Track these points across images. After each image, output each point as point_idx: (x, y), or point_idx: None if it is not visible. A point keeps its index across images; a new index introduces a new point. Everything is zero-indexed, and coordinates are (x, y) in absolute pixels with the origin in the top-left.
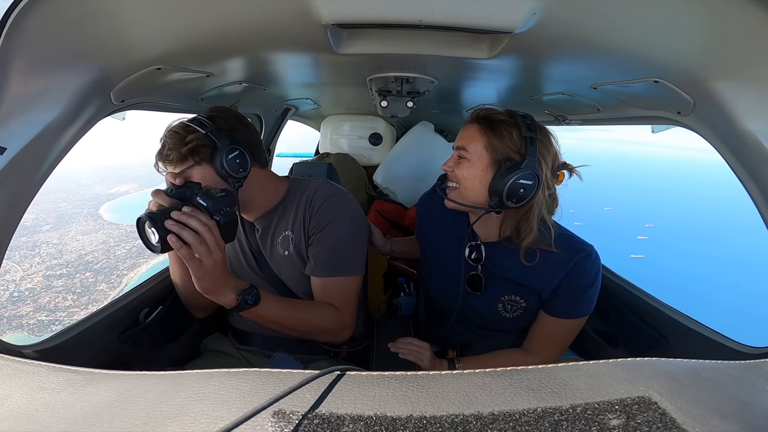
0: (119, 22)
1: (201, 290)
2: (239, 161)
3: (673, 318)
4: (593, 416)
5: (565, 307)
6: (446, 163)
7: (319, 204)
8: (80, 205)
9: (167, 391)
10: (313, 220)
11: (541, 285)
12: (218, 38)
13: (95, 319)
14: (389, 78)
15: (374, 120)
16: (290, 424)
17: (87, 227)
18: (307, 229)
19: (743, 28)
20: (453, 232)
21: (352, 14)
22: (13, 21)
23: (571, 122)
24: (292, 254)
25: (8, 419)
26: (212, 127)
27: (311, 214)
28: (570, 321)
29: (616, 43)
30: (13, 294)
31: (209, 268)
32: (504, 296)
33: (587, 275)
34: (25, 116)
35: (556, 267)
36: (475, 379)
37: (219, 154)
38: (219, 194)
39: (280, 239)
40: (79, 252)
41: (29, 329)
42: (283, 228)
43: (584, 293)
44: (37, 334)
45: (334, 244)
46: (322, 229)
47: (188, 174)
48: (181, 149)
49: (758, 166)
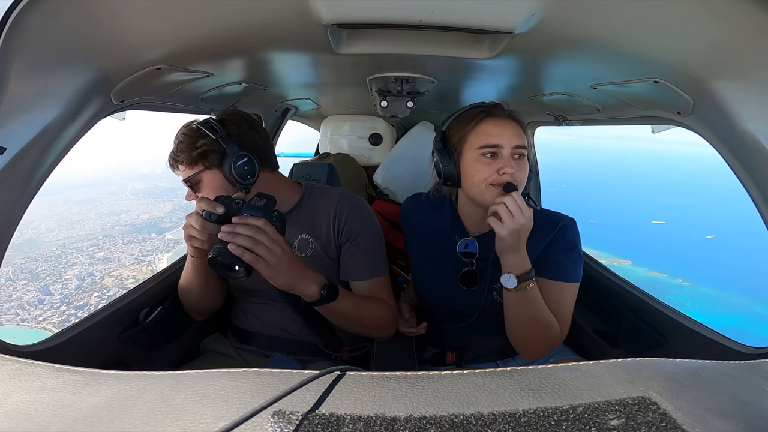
0: (119, 22)
1: (280, 288)
2: (247, 168)
3: (673, 318)
4: (593, 416)
5: (554, 266)
6: (506, 166)
7: (347, 214)
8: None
9: (167, 391)
10: (345, 229)
11: (530, 254)
12: (218, 38)
13: (95, 319)
14: (389, 78)
15: (374, 120)
16: (290, 424)
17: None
18: (339, 237)
19: (743, 29)
20: (441, 231)
21: (352, 14)
22: (13, 21)
23: (571, 122)
24: (312, 256)
25: (8, 419)
26: (222, 132)
27: (340, 223)
28: (562, 284)
29: (616, 43)
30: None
31: (275, 265)
32: (497, 283)
33: (573, 235)
34: (25, 116)
35: (542, 237)
36: (475, 379)
37: (228, 160)
38: (262, 201)
39: (296, 242)
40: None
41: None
42: (298, 231)
43: (570, 253)
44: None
45: (370, 248)
46: (356, 237)
47: (198, 178)
48: (191, 153)
49: (758, 166)
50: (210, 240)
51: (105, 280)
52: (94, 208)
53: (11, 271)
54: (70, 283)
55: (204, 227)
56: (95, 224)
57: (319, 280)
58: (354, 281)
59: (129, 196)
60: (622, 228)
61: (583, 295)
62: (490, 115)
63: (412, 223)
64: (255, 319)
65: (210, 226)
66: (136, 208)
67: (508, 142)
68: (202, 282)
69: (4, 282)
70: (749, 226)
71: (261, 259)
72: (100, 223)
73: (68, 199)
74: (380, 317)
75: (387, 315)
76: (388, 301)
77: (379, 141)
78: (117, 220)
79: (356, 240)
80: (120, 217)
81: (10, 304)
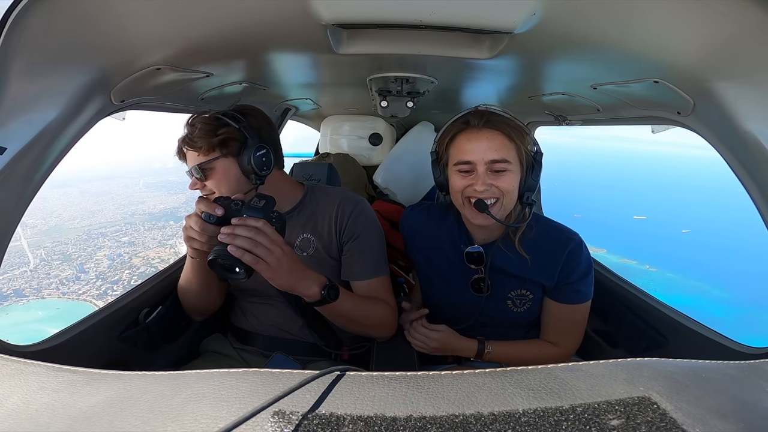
0: (119, 22)
1: (281, 288)
2: (265, 159)
3: (673, 318)
4: (593, 416)
5: (571, 293)
6: (476, 184)
7: (349, 214)
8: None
9: (167, 391)
10: (347, 229)
11: (543, 276)
12: (218, 38)
13: (95, 319)
14: (389, 78)
15: (374, 120)
16: (290, 424)
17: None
18: (340, 236)
19: (743, 28)
20: (448, 240)
21: (352, 14)
22: (13, 21)
23: (571, 122)
24: (314, 256)
25: (8, 419)
26: (245, 122)
27: (342, 223)
28: (578, 306)
29: (616, 43)
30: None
31: (275, 266)
32: (511, 292)
33: (583, 261)
34: (25, 116)
35: (552, 256)
36: (475, 379)
37: (248, 151)
38: (261, 202)
39: (298, 241)
40: None
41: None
42: (300, 231)
43: (585, 278)
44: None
45: (372, 248)
46: (358, 237)
47: (212, 165)
48: (211, 139)
49: (758, 166)
50: (209, 242)
51: (133, 260)
52: (110, 199)
53: (44, 253)
54: (102, 262)
55: (203, 229)
56: (115, 213)
57: (319, 280)
58: (355, 281)
59: (143, 189)
60: (604, 222)
61: None
62: (465, 129)
63: (415, 233)
64: (255, 320)
65: (209, 227)
66: (151, 199)
67: (482, 158)
68: (202, 283)
69: (39, 262)
70: (725, 222)
71: (261, 260)
72: (119, 212)
73: (84, 191)
74: (380, 317)
75: (387, 315)
76: (388, 300)
77: (379, 141)
78: (135, 209)
79: (357, 240)
80: (138, 207)
81: (50, 281)
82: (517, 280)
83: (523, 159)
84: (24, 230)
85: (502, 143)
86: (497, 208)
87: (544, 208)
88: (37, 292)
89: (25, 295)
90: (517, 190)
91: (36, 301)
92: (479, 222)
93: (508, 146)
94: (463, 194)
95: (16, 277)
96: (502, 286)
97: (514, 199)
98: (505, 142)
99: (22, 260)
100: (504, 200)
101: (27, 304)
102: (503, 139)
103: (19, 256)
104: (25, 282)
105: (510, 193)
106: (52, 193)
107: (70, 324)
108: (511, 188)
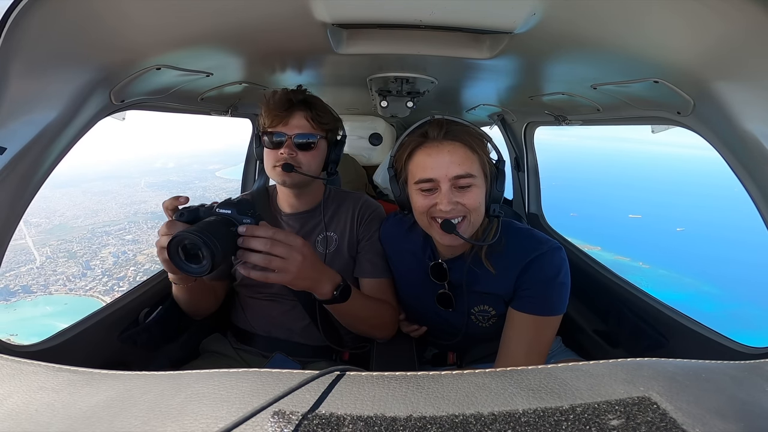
0: (119, 22)
1: (298, 289)
2: (340, 154)
3: (673, 318)
4: (593, 417)
5: (530, 300)
6: (441, 203)
7: (369, 215)
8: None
9: (167, 391)
10: (364, 228)
11: (502, 288)
12: (218, 38)
13: (95, 319)
14: (389, 78)
15: (374, 120)
16: (290, 424)
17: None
18: (358, 235)
19: (744, 29)
20: (414, 253)
21: (352, 14)
22: (12, 21)
23: (571, 122)
24: (333, 253)
25: (8, 419)
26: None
27: (361, 221)
28: (539, 318)
29: (616, 43)
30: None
31: (295, 273)
32: (473, 308)
33: (549, 267)
34: (25, 116)
35: (513, 265)
36: (475, 379)
37: (335, 143)
38: (236, 201)
39: (319, 238)
40: None
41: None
42: (322, 229)
43: (548, 285)
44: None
45: (382, 250)
46: (372, 237)
47: (317, 141)
48: (323, 120)
49: (758, 166)
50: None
51: (137, 257)
52: (112, 199)
53: (50, 250)
54: (107, 259)
55: (175, 229)
56: (117, 212)
57: (334, 279)
58: (364, 278)
59: (144, 188)
60: (600, 220)
61: (583, 295)
62: (424, 143)
63: (388, 243)
64: (256, 317)
65: (180, 226)
66: (152, 198)
67: (445, 174)
68: (193, 300)
69: (45, 260)
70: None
71: (273, 274)
72: (122, 211)
73: (86, 190)
74: (385, 318)
75: (391, 316)
76: (391, 302)
77: (379, 141)
78: (138, 209)
79: (371, 239)
80: (140, 206)
81: (57, 277)
82: (478, 296)
83: (486, 170)
84: (28, 229)
85: (465, 156)
86: (465, 225)
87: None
88: (44, 289)
89: (33, 291)
90: (483, 204)
91: (44, 297)
92: (447, 242)
93: (471, 158)
94: (428, 214)
95: (23, 274)
96: (464, 301)
97: (482, 214)
98: (468, 154)
99: (28, 258)
100: (471, 217)
101: (35, 300)
102: (465, 150)
103: (25, 254)
104: (32, 279)
105: (477, 210)
106: (53, 192)
107: (70, 324)
108: (477, 204)
